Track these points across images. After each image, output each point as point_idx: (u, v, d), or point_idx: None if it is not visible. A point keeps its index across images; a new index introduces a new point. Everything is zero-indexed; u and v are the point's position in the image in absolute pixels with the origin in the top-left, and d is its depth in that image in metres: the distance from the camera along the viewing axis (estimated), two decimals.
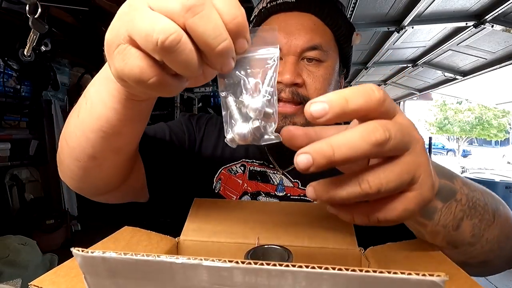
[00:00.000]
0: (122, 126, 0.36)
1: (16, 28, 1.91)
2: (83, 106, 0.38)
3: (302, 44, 0.54)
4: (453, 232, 0.34)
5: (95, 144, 0.38)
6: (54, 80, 2.55)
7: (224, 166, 0.64)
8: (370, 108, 0.22)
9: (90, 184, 0.46)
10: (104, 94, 0.34)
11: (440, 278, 0.16)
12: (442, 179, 0.32)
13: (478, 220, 0.35)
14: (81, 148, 0.39)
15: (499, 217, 0.38)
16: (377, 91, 0.23)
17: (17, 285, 1.17)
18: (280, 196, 0.61)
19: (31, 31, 0.92)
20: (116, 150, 0.41)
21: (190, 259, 0.18)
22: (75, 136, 0.39)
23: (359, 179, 0.23)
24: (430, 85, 3.94)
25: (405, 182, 0.23)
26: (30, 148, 2.72)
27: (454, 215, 0.33)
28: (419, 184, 0.24)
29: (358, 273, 0.16)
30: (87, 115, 0.37)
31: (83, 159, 0.40)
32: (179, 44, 0.21)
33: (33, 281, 0.26)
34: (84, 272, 0.20)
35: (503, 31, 1.88)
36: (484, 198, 0.37)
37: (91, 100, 0.36)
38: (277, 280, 0.17)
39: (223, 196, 0.62)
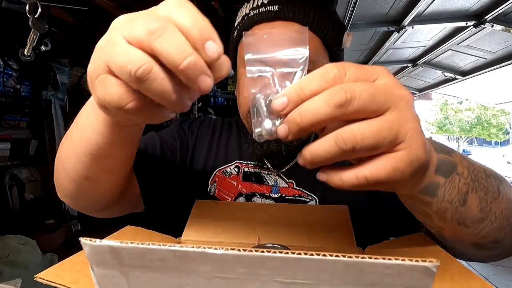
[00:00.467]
0: (111, 149, 0.38)
1: (16, 28, 1.91)
2: (74, 131, 0.40)
3: None
4: (461, 208, 0.32)
5: (88, 167, 0.40)
6: (54, 80, 2.55)
7: (218, 168, 0.65)
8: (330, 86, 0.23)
9: (88, 202, 0.48)
10: (93, 120, 0.36)
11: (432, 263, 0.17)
12: (441, 153, 0.31)
13: (484, 193, 0.34)
14: (76, 170, 0.41)
15: (504, 190, 0.36)
16: (331, 71, 0.24)
17: (17, 285, 1.17)
18: (275, 198, 0.61)
19: (31, 31, 0.92)
20: (109, 171, 0.43)
21: (194, 248, 0.18)
22: (69, 159, 0.42)
23: (335, 137, 0.23)
24: (430, 85, 3.94)
25: (387, 139, 0.23)
26: (30, 148, 2.72)
27: (458, 189, 0.32)
28: (407, 142, 0.24)
29: (354, 259, 0.17)
30: (79, 139, 0.39)
31: (79, 181, 0.42)
32: (150, 73, 0.22)
33: (38, 274, 0.27)
34: (91, 262, 0.21)
35: (503, 31, 1.88)
36: (485, 170, 0.36)
37: (81, 125, 0.38)
38: (279, 268, 0.18)
39: (218, 198, 0.62)
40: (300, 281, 0.18)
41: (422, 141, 0.24)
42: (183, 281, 0.20)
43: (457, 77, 3.12)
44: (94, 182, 0.43)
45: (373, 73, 0.25)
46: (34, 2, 0.90)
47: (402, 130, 0.23)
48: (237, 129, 0.72)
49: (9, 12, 1.75)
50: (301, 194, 0.60)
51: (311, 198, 0.59)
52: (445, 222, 0.34)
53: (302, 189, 0.60)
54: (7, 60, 2.25)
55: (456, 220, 0.33)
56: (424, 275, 0.17)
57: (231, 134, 0.71)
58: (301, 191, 0.60)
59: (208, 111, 3.97)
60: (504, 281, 3.10)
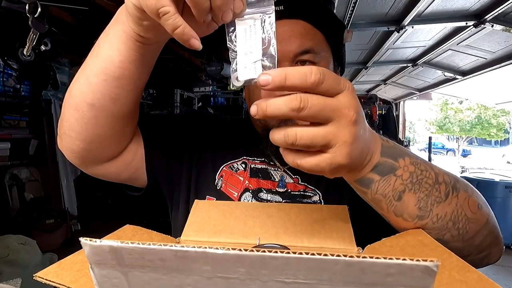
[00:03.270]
0: (124, 69, 0.40)
1: (16, 27, 1.91)
2: (90, 55, 0.42)
3: (294, 49, 0.56)
4: (395, 202, 0.39)
5: (95, 89, 0.41)
6: (54, 80, 2.55)
7: (225, 163, 0.65)
8: (306, 87, 0.29)
9: (86, 145, 0.47)
10: (111, 36, 0.39)
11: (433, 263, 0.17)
12: (384, 157, 0.39)
13: (424, 195, 0.39)
14: (81, 95, 0.42)
15: (455, 197, 0.41)
16: (313, 75, 0.29)
17: (17, 285, 1.17)
18: (281, 192, 0.62)
19: (31, 30, 0.92)
20: (115, 99, 0.43)
21: (195, 247, 0.18)
22: (78, 83, 0.43)
23: (284, 131, 0.31)
24: (430, 84, 3.95)
25: (319, 144, 0.31)
26: (30, 147, 2.72)
27: (393, 187, 0.39)
28: (333, 150, 0.31)
29: (356, 259, 0.17)
30: (93, 59, 0.41)
31: (82, 108, 0.43)
32: None
33: (37, 273, 0.27)
34: (91, 262, 0.20)
35: (503, 30, 1.88)
36: (438, 177, 0.41)
37: (98, 45, 0.41)
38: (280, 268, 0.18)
39: (225, 193, 0.63)
40: (301, 281, 0.18)
41: (347, 152, 0.31)
42: (184, 281, 0.20)
43: (457, 77, 3.12)
44: (96, 111, 0.43)
45: (343, 87, 0.31)
46: (34, 1, 0.90)
47: (333, 140, 0.31)
48: (244, 127, 0.73)
49: (8, 12, 1.75)
50: (306, 189, 0.62)
51: (314, 193, 0.61)
52: (383, 211, 0.41)
53: (307, 184, 0.62)
54: (7, 60, 2.25)
55: (393, 212, 0.40)
56: (425, 275, 0.17)
57: (239, 131, 0.72)
58: (305, 186, 0.62)
59: (208, 111, 3.97)
60: (504, 281, 3.10)
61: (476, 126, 15.95)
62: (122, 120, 0.48)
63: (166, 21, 0.30)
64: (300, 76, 0.29)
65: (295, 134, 0.30)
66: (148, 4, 0.30)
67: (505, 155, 17.80)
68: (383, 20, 2.07)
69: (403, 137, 5.72)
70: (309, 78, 0.29)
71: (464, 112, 16.41)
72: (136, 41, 0.38)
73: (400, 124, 5.71)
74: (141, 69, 0.42)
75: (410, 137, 17.79)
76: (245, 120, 0.75)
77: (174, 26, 0.30)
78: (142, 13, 0.32)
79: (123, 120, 0.48)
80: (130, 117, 0.50)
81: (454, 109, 16.70)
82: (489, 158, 17.95)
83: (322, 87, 0.30)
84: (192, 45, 0.31)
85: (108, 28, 0.40)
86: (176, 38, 0.31)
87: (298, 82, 0.29)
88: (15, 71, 2.40)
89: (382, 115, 5.23)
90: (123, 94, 0.43)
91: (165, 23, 0.30)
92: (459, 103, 16.45)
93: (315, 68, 0.29)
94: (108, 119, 0.45)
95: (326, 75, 0.30)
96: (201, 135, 0.68)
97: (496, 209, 3.64)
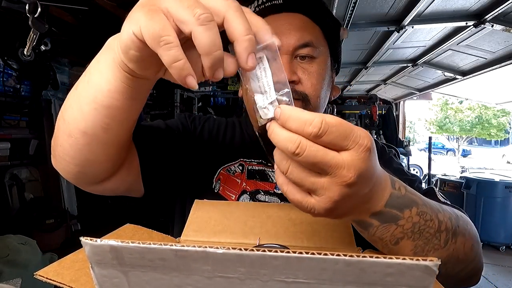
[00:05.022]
0: (113, 99, 0.38)
1: (16, 27, 1.91)
2: (81, 80, 0.41)
3: (294, 42, 0.56)
4: (392, 246, 0.39)
5: (87, 118, 0.40)
6: (54, 80, 2.55)
7: (222, 166, 0.65)
8: (302, 135, 0.29)
9: (80, 168, 0.46)
10: (102, 64, 0.38)
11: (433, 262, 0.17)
12: (389, 208, 0.37)
13: (423, 243, 0.40)
14: (74, 122, 0.41)
15: (454, 243, 0.42)
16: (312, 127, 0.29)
17: (17, 285, 1.17)
18: (279, 194, 0.62)
19: (31, 30, 0.92)
20: (106, 127, 0.42)
21: (196, 247, 0.18)
22: (71, 109, 0.42)
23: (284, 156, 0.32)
24: (430, 84, 3.94)
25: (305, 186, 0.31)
26: (30, 147, 2.72)
27: (392, 233, 0.38)
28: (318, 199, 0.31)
29: (356, 259, 0.17)
30: (84, 86, 0.40)
31: (75, 134, 0.42)
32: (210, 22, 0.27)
33: (38, 271, 0.27)
34: (92, 261, 0.20)
35: (503, 30, 1.88)
36: (440, 226, 0.41)
37: (89, 71, 0.39)
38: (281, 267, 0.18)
39: (223, 195, 0.62)
40: (302, 280, 0.18)
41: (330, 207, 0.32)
42: (184, 281, 0.20)
43: (457, 77, 3.12)
44: (89, 138, 0.42)
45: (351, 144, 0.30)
46: (34, 1, 0.90)
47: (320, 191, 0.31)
48: (240, 128, 0.73)
49: (8, 12, 1.75)
50: None
51: None
52: (377, 247, 0.41)
53: None
54: (7, 60, 2.25)
55: (387, 251, 0.40)
56: (425, 274, 0.17)
57: (235, 132, 0.72)
58: None
59: (208, 111, 3.97)
60: (504, 281, 3.10)
61: (476, 126, 15.93)
62: (116, 147, 0.47)
63: (167, 51, 0.28)
64: (299, 123, 0.29)
65: (288, 166, 0.31)
66: (151, 29, 0.28)
67: (505, 155, 17.78)
68: (383, 20, 2.07)
69: (403, 137, 5.72)
70: (307, 127, 0.29)
71: (464, 112, 16.39)
72: (124, 72, 0.36)
73: (400, 124, 5.70)
74: (131, 101, 0.40)
75: (410, 137, 17.78)
76: (242, 120, 0.74)
77: (175, 58, 0.28)
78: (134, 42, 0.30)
79: (117, 147, 0.47)
80: (124, 145, 0.49)
81: (454, 109, 16.69)
82: (489, 158, 17.94)
83: (322, 140, 0.29)
84: (189, 84, 0.29)
85: (100, 54, 0.39)
86: (172, 73, 0.29)
87: (294, 128, 0.30)
88: (15, 71, 2.39)
89: (382, 115, 5.22)
90: (113, 124, 0.42)
91: (165, 53, 0.28)
92: (459, 103, 16.44)
93: (318, 118, 0.29)
94: (102, 146, 0.44)
95: (331, 127, 0.29)
96: (196, 139, 0.68)
97: (496, 209, 3.64)
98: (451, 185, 4.28)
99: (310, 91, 0.58)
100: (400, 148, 4.63)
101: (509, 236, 3.64)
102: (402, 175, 0.66)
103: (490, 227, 3.67)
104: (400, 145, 4.89)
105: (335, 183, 0.30)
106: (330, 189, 0.30)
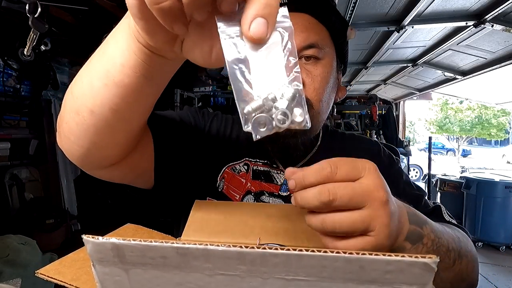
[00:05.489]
0: (124, 75, 0.35)
1: (16, 27, 1.91)
2: (97, 51, 0.37)
3: (299, 43, 0.55)
4: None
5: (96, 95, 0.37)
6: (54, 80, 2.55)
7: (227, 164, 0.64)
8: (323, 181, 0.31)
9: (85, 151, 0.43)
10: (119, 30, 0.34)
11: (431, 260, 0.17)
12: (413, 225, 0.39)
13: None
14: (83, 98, 0.38)
15: (460, 263, 0.45)
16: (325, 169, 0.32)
17: (17, 285, 1.17)
18: (284, 196, 0.61)
19: (31, 30, 0.92)
20: (114, 109, 0.38)
21: (196, 245, 0.18)
22: (81, 83, 0.39)
23: (321, 219, 0.32)
24: (430, 84, 3.94)
25: (359, 229, 0.31)
26: (30, 147, 2.72)
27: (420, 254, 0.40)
28: (376, 232, 0.32)
29: (355, 256, 0.17)
30: (98, 58, 0.37)
31: (82, 112, 0.38)
32: None
33: (39, 270, 0.27)
34: (93, 259, 0.20)
35: (503, 30, 1.88)
36: (449, 244, 0.44)
37: (107, 40, 0.36)
38: (281, 265, 0.18)
39: (227, 195, 0.61)
40: (302, 278, 0.18)
41: (387, 232, 0.32)
42: (185, 279, 0.20)
43: (457, 77, 3.12)
44: (96, 119, 0.38)
45: (362, 171, 0.32)
46: (34, 1, 0.90)
47: (372, 224, 0.31)
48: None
49: (8, 12, 1.75)
50: None
51: None
52: None
53: None
54: (7, 60, 2.25)
55: None
56: (424, 271, 0.17)
57: (240, 131, 0.69)
58: None
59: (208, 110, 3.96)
60: (504, 281, 3.10)
61: (476, 126, 15.93)
62: (125, 134, 0.43)
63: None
64: (315, 173, 0.32)
65: (333, 222, 0.31)
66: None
67: (505, 155, 17.77)
68: (383, 20, 2.07)
69: (403, 137, 5.72)
70: (323, 172, 0.31)
71: (464, 112, 16.39)
72: (138, 43, 0.32)
73: (400, 124, 5.70)
74: (143, 81, 0.35)
75: (410, 137, 17.78)
76: None
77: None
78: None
79: (126, 134, 0.43)
80: (135, 133, 0.45)
81: (454, 109, 16.68)
82: (489, 158, 17.93)
83: (338, 176, 0.31)
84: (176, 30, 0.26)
85: (120, 22, 0.34)
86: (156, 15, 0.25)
87: (314, 179, 0.32)
88: (15, 71, 2.39)
89: (382, 115, 5.22)
90: (122, 106, 0.37)
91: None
92: (459, 103, 16.43)
93: (324, 162, 0.32)
94: (110, 130, 0.40)
95: (337, 164, 0.32)
96: (205, 135, 0.66)
97: (496, 209, 3.64)
98: (451, 185, 4.28)
99: (313, 95, 0.57)
100: (400, 148, 4.63)
101: (509, 236, 3.64)
102: (410, 189, 0.66)
103: (490, 227, 3.67)
104: (400, 145, 4.89)
105: (378, 207, 0.32)
106: (378, 215, 0.32)
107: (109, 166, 0.47)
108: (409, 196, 0.64)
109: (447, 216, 0.62)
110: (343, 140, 0.73)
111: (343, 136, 0.75)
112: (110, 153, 0.45)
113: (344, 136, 0.75)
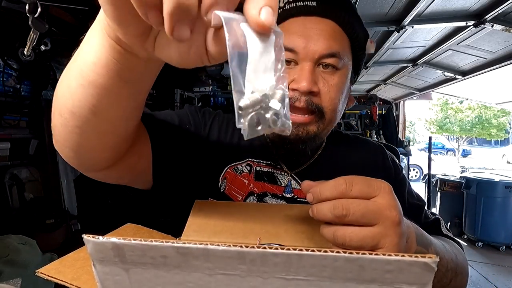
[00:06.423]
0: (97, 75, 0.33)
1: (16, 27, 1.91)
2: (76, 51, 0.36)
3: (320, 50, 0.54)
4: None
5: (74, 96, 0.36)
6: (54, 80, 2.55)
7: (229, 165, 0.63)
8: (338, 196, 0.34)
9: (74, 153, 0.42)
10: (93, 30, 0.33)
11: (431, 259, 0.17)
12: (420, 246, 0.41)
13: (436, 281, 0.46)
14: (63, 99, 0.37)
15: (455, 281, 0.48)
16: (341, 186, 0.34)
17: (17, 285, 1.17)
18: (288, 198, 0.60)
19: (31, 30, 0.92)
20: (94, 110, 0.36)
21: (197, 244, 0.18)
22: (61, 84, 0.38)
23: (333, 231, 0.34)
24: (430, 84, 3.94)
25: (369, 245, 0.33)
26: (30, 147, 2.72)
27: None
28: (385, 250, 0.33)
29: (355, 255, 0.18)
30: (75, 57, 0.35)
31: (64, 113, 0.38)
32: None
33: (40, 269, 0.27)
34: (94, 259, 0.20)
35: (503, 30, 1.88)
36: (448, 265, 0.47)
37: (84, 40, 0.34)
38: (281, 264, 0.18)
39: (229, 196, 0.60)
40: (302, 278, 0.18)
41: (396, 251, 0.33)
42: (185, 278, 0.20)
43: (457, 77, 3.12)
44: (78, 121, 0.37)
45: (376, 190, 0.34)
46: (33, 1, 0.90)
47: (382, 241, 0.33)
48: None
49: (8, 12, 1.75)
50: None
51: None
52: None
53: None
54: (7, 60, 2.25)
55: None
56: (424, 271, 0.17)
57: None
58: None
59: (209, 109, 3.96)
60: (504, 281, 3.10)
61: (476, 126, 15.93)
62: (112, 137, 0.41)
63: None
64: (331, 188, 0.34)
65: (344, 235, 0.33)
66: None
67: (505, 155, 17.77)
68: (383, 20, 2.07)
69: (403, 137, 5.72)
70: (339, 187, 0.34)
71: (464, 112, 16.39)
72: (109, 39, 0.30)
73: (400, 124, 5.70)
74: (118, 81, 0.33)
75: (410, 137, 17.78)
76: None
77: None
78: None
79: (114, 137, 0.42)
80: (124, 136, 0.43)
81: (454, 109, 16.68)
82: (489, 158, 17.93)
83: (353, 193, 0.34)
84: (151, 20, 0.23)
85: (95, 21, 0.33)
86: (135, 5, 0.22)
87: (329, 193, 0.34)
88: (15, 71, 2.39)
89: (382, 115, 5.22)
90: (101, 107, 0.36)
91: None
92: (459, 103, 16.43)
93: (340, 179, 0.35)
94: (93, 132, 0.39)
95: (353, 181, 0.34)
96: (205, 135, 0.65)
97: (496, 209, 3.64)
98: (451, 185, 4.28)
99: (327, 104, 0.56)
100: (400, 148, 4.62)
101: (509, 236, 3.64)
102: (412, 199, 0.67)
103: (490, 227, 3.67)
104: (400, 145, 4.89)
105: (389, 226, 0.33)
106: (388, 234, 0.33)
107: (104, 168, 0.46)
108: (411, 206, 0.65)
109: (444, 229, 0.64)
110: (348, 143, 0.72)
111: (347, 138, 0.74)
112: (101, 156, 0.44)
113: (349, 139, 0.74)
